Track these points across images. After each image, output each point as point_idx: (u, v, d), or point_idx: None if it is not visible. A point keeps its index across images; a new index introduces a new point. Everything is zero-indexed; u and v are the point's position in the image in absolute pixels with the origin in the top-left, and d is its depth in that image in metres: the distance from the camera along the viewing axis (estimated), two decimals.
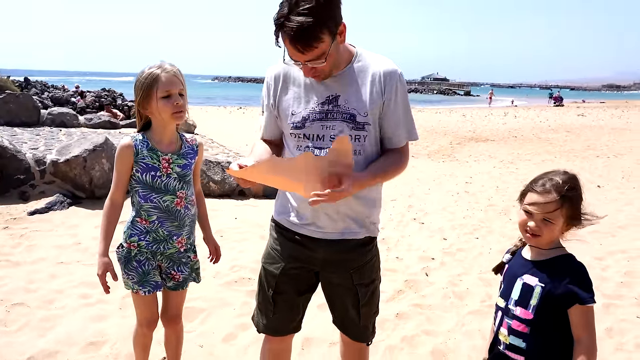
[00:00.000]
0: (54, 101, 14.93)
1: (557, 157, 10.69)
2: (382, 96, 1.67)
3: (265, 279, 1.88)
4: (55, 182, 5.51)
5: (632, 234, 5.04)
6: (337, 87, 1.68)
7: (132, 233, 2.03)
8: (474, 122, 20.45)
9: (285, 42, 1.52)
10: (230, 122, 17.22)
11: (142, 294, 2.04)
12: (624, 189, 7.27)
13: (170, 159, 2.01)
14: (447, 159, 10.30)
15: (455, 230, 5.11)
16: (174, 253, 2.09)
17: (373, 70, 1.69)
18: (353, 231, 1.75)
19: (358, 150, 1.69)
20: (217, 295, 3.36)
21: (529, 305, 1.52)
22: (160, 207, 2.01)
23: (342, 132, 1.65)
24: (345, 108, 1.66)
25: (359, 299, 1.82)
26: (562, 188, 1.51)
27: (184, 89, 1.99)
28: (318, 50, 1.52)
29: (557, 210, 1.50)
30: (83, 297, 3.24)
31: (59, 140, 7.19)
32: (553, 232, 1.53)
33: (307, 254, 1.78)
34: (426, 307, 3.33)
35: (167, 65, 1.95)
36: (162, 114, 1.94)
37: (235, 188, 6.25)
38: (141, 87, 1.94)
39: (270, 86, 1.78)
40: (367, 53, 1.74)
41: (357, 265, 1.80)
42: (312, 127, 1.68)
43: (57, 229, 4.55)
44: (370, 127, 1.68)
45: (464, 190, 7.07)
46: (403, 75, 1.74)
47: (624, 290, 3.66)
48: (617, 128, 17.90)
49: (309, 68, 1.57)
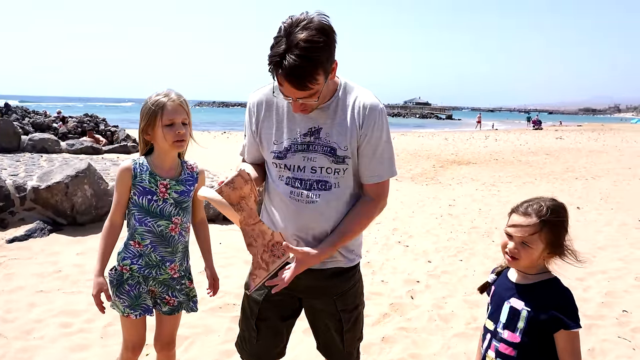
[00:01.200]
0: (35, 127, 14.79)
1: (537, 179, 10.89)
2: (359, 130, 1.67)
3: (248, 305, 1.88)
4: (36, 208, 5.41)
5: (611, 255, 5.13)
6: (319, 119, 1.68)
7: (125, 256, 2.04)
8: (456, 145, 20.77)
9: (279, 79, 1.51)
10: (214, 146, 17.20)
11: (133, 317, 2.03)
12: (602, 210, 7.43)
13: (168, 184, 2.03)
14: (431, 182, 10.42)
15: (440, 253, 5.14)
16: (167, 279, 2.09)
17: (355, 104, 1.69)
18: (334, 259, 1.75)
19: (337, 183, 1.69)
20: (201, 322, 3.31)
21: (516, 329, 1.53)
22: (154, 231, 2.01)
23: (322, 166, 1.66)
24: (326, 141, 1.67)
25: (342, 325, 1.82)
26: (542, 213, 1.51)
27: (189, 118, 2.02)
28: (311, 91, 1.52)
29: (535, 234, 1.51)
30: (63, 327, 3.16)
31: (40, 166, 7.10)
32: (531, 257, 1.53)
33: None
34: (412, 331, 3.33)
35: (174, 94, 1.98)
36: (163, 141, 1.97)
37: (219, 213, 6.22)
38: (147, 113, 1.97)
39: (252, 113, 1.77)
40: (350, 85, 1.74)
41: (340, 291, 1.80)
42: (294, 158, 1.68)
43: (36, 256, 4.46)
44: (350, 160, 1.68)
45: (447, 213, 7.14)
46: (384, 110, 1.73)
47: (605, 310, 3.71)
48: (595, 150, 18.36)
49: (299, 104, 1.57)
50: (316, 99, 1.56)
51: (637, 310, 3.70)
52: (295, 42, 1.42)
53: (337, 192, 1.69)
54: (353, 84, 1.75)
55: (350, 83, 1.74)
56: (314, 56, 1.45)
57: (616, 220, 6.69)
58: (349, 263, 1.80)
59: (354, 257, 1.82)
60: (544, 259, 1.56)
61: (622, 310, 3.69)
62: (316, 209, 1.68)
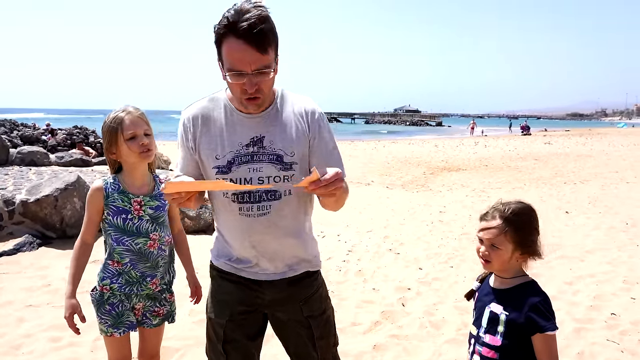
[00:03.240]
0: (24, 140, 14.68)
1: (526, 184, 10.99)
2: (307, 134, 1.66)
3: (212, 330, 1.79)
4: (25, 222, 5.37)
5: (599, 258, 5.19)
6: (261, 128, 1.63)
7: (104, 276, 2.03)
8: (446, 152, 20.92)
9: (230, 48, 1.44)
10: None
11: (117, 335, 2.02)
12: (591, 214, 7.51)
13: (142, 201, 2.03)
14: (421, 189, 10.48)
15: (431, 260, 5.17)
16: (150, 293, 2.10)
17: (295, 109, 1.68)
18: (293, 268, 1.73)
19: (289, 191, 1.65)
20: (192, 334, 3.30)
21: (497, 333, 1.57)
22: (133, 249, 2.01)
23: (270, 175, 1.61)
24: (271, 149, 1.62)
25: (312, 331, 1.77)
26: (505, 213, 1.58)
27: (150, 129, 2.03)
28: (267, 57, 1.46)
29: (501, 235, 1.56)
30: (53, 341, 3.14)
31: (29, 179, 7.05)
32: (501, 258, 1.57)
33: (253, 295, 1.73)
34: (403, 338, 3.34)
35: (131, 108, 2.00)
36: (129, 155, 1.97)
37: (210, 224, 6.21)
38: (107, 132, 1.98)
39: (188, 129, 1.66)
40: (287, 92, 1.72)
41: (304, 296, 1.77)
42: (239, 170, 1.61)
43: (25, 270, 4.43)
44: (297, 166, 1.64)
45: (438, 220, 7.18)
46: (324, 115, 1.73)
47: (593, 313, 3.75)
48: (582, 155, 18.57)
49: (253, 82, 1.47)
50: (271, 71, 1.49)
51: (625, 313, 3.75)
52: (246, 10, 1.42)
53: (288, 200, 1.65)
54: (289, 92, 1.73)
55: (287, 91, 1.73)
56: (267, 19, 1.44)
57: (604, 224, 6.77)
58: (313, 267, 1.79)
59: (315, 263, 1.80)
60: (517, 260, 1.59)
61: (610, 314, 3.74)
62: (269, 220, 1.63)
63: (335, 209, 1.69)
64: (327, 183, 1.39)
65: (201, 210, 6.16)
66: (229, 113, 1.65)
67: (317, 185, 1.38)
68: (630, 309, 3.82)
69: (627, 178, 11.67)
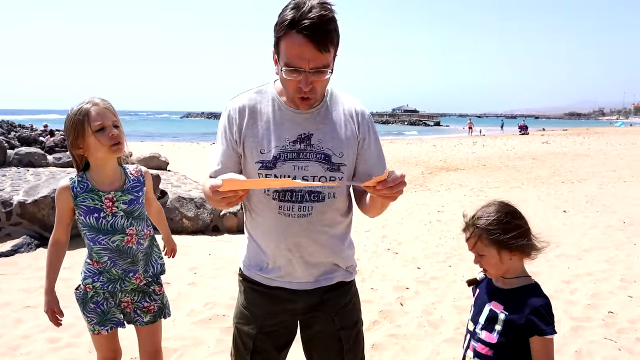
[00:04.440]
0: (21, 141, 14.65)
1: (524, 184, 11.00)
2: (357, 135, 1.61)
3: (240, 339, 1.73)
4: (22, 223, 5.37)
5: (597, 257, 5.20)
6: (309, 125, 1.57)
7: (86, 275, 1.99)
8: (444, 152, 20.93)
9: (291, 43, 1.38)
10: (202, 158, 17.17)
11: (104, 332, 1.99)
12: (588, 213, 7.53)
13: (114, 197, 1.93)
14: (419, 189, 10.48)
15: (429, 259, 5.18)
16: (136, 287, 2.04)
17: (345, 109, 1.63)
18: (328, 277, 1.67)
19: (333, 193, 1.58)
20: (191, 334, 3.30)
21: (494, 330, 1.57)
22: (110, 247, 1.94)
23: (316, 175, 1.55)
24: (319, 148, 1.55)
25: (342, 344, 1.70)
26: (472, 220, 1.58)
27: (118, 120, 1.91)
28: (328, 56, 1.41)
29: (477, 242, 1.56)
30: (51, 342, 3.13)
31: (27, 180, 7.03)
32: (491, 262, 1.56)
33: (284, 307, 1.67)
34: (401, 337, 3.35)
35: (97, 99, 1.89)
36: (98, 149, 1.86)
37: (208, 224, 6.21)
38: (72, 125, 1.85)
39: (233, 120, 1.59)
40: (337, 91, 1.68)
41: (338, 307, 1.70)
42: (284, 167, 1.53)
43: (23, 272, 4.42)
44: (345, 168, 1.58)
45: (436, 219, 7.19)
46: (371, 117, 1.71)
47: (591, 312, 3.76)
48: (580, 154, 18.61)
49: (310, 80, 1.42)
50: (330, 71, 1.44)
51: (622, 311, 3.76)
52: (312, 5, 1.37)
53: (331, 203, 1.59)
54: (339, 91, 1.69)
55: (336, 90, 1.68)
56: (333, 20, 1.40)
57: (602, 223, 6.79)
58: (348, 277, 1.73)
59: (351, 271, 1.75)
60: (510, 259, 1.57)
61: (608, 312, 3.75)
62: (310, 222, 1.57)
63: (378, 214, 1.64)
64: (393, 184, 1.33)
65: (199, 210, 6.16)
66: (277, 107, 1.59)
67: (384, 186, 1.33)
68: (628, 307, 3.83)
69: (624, 177, 11.71)
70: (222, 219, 6.26)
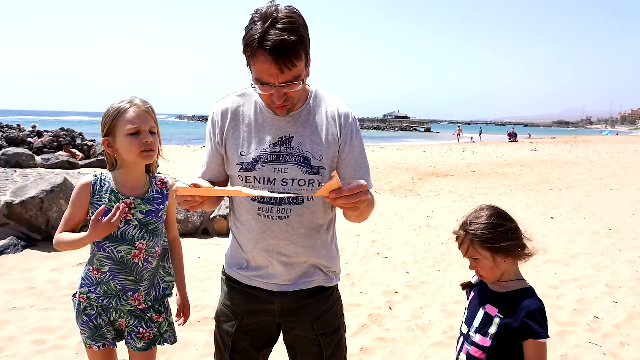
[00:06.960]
0: (9, 141, 14.50)
1: (513, 190, 11.11)
2: (338, 139, 1.59)
3: (220, 338, 1.75)
4: (9, 224, 5.31)
5: (583, 263, 5.27)
6: (290, 128, 1.57)
7: (83, 283, 1.85)
8: (434, 158, 21.06)
9: (259, 62, 1.38)
10: (193, 160, 17.10)
11: (95, 349, 1.85)
12: (575, 219, 7.62)
13: (133, 204, 1.79)
14: (409, 194, 10.54)
15: (418, 264, 5.21)
16: (133, 310, 1.87)
17: (329, 111, 1.61)
18: (307, 280, 1.65)
19: (312, 196, 1.57)
20: (180, 336, 3.26)
21: (488, 334, 1.57)
22: (114, 258, 1.79)
23: (295, 178, 1.55)
24: (298, 151, 1.56)
25: (322, 350, 1.68)
26: (464, 226, 1.59)
27: (157, 127, 1.80)
28: (296, 70, 1.40)
29: (470, 247, 1.57)
30: (37, 344, 3.10)
31: (14, 181, 6.96)
32: (486, 267, 1.57)
33: (262, 307, 1.67)
34: (390, 341, 3.36)
35: (138, 100, 1.77)
36: (128, 152, 1.74)
37: (198, 227, 6.19)
38: (108, 122, 1.75)
39: (217, 123, 1.62)
40: (321, 93, 1.66)
41: (318, 312, 1.68)
42: (263, 169, 1.55)
43: (9, 273, 4.37)
44: (325, 171, 1.57)
45: (425, 225, 7.23)
46: (357, 119, 1.67)
47: (577, 317, 3.81)
48: (568, 162, 18.83)
49: (282, 93, 1.42)
50: (301, 83, 1.44)
51: (607, 316, 3.81)
52: (276, 19, 1.35)
53: (310, 205, 1.58)
54: (323, 92, 1.67)
55: (320, 91, 1.66)
56: (297, 30, 1.38)
57: (588, 230, 6.87)
58: (329, 282, 1.70)
59: (333, 277, 1.72)
60: (504, 261, 1.58)
61: (593, 317, 3.79)
62: (288, 225, 1.57)
63: (358, 221, 1.63)
64: (350, 194, 1.29)
65: (189, 214, 6.14)
66: (259, 110, 1.59)
67: (338, 195, 1.29)
68: (613, 313, 3.88)
69: (610, 185, 11.87)
70: (212, 222, 6.25)
